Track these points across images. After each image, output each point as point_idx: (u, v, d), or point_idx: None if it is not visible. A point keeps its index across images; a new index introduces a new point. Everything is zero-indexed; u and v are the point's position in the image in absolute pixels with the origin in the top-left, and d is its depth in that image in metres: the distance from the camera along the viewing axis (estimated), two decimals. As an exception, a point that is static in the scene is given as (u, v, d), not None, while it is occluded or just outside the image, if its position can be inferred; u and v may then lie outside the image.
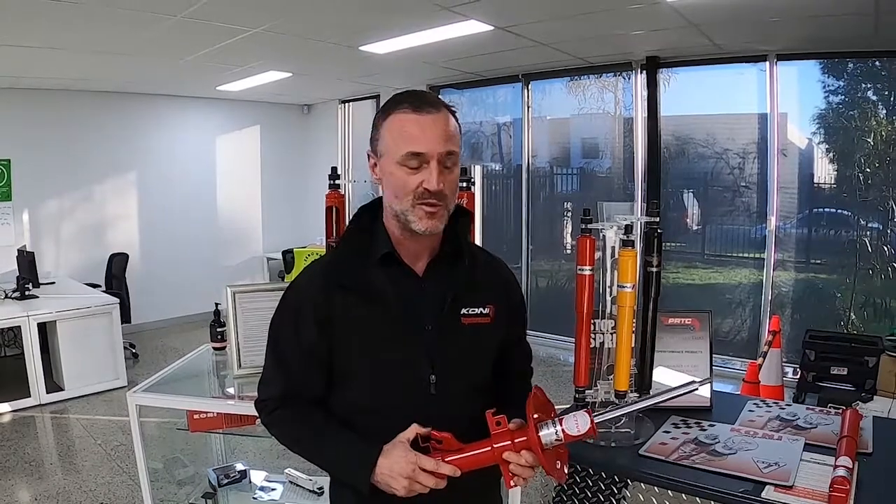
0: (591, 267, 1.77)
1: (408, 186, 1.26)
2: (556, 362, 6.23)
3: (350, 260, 1.36)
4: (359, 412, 1.35)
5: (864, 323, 5.16)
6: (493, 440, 1.22)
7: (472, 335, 1.37)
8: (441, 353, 1.33)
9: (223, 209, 8.29)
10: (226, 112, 8.12)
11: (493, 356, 1.45)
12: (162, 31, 4.34)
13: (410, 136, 1.25)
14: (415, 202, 1.26)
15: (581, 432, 1.19)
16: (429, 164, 1.25)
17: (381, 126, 1.31)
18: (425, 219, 1.27)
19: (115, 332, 5.57)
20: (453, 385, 1.34)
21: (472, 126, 7.48)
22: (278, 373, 1.39)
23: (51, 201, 6.86)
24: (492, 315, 1.39)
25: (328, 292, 1.33)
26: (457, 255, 1.38)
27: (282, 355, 1.39)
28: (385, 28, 4.60)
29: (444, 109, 1.29)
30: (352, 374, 1.35)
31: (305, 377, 1.37)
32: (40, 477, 3.95)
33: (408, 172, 1.26)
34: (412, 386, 1.32)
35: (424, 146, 1.24)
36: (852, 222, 5.23)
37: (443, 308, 1.33)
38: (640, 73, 5.93)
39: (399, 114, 1.27)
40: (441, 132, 1.26)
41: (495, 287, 1.45)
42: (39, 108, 6.57)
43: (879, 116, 5.07)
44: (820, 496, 1.39)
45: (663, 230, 1.88)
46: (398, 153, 1.26)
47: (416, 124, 1.25)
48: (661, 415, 1.89)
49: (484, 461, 1.23)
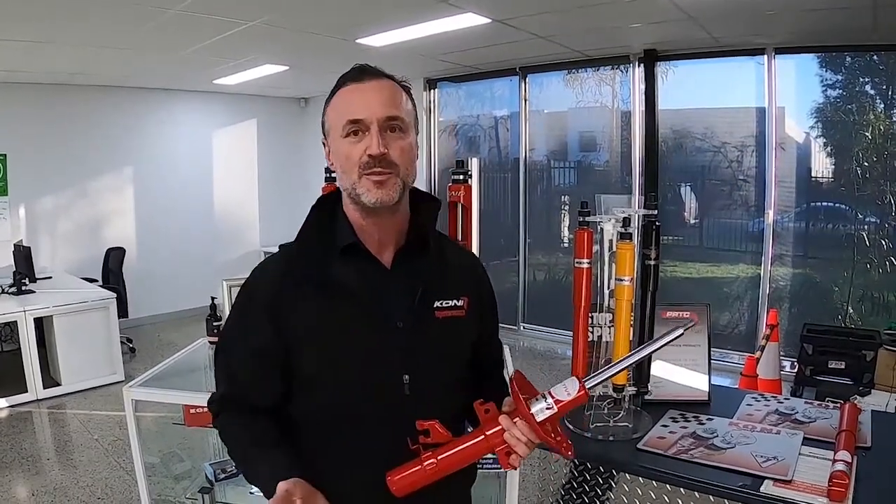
0: (588, 260, 1.76)
1: (352, 158, 1.19)
2: (554, 356, 6.23)
3: (310, 252, 1.26)
4: (326, 419, 1.25)
5: (862, 317, 5.16)
6: (484, 428, 1.18)
7: (447, 330, 1.28)
8: (414, 350, 1.24)
9: (220, 203, 8.28)
10: (222, 106, 8.09)
11: (469, 351, 1.35)
12: (158, 24, 4.32)
13: (350, 105, 1.20)
14: (361, 173, 1.18)
15: (572, 396, 1.14)
16: (369, 131, 1.18)
17: (327, 107, 1.26)
18: (374, 189, 1.18)
19: (111, 326, 5.56)
20: (429, 384, 1.24)
21: (469, 119, 7.48)
22: (222, 376, 1.31)
23: (47, 196, 6.84)
24: (466, 307, 1.30)
25: (285, 288, 1.23)
26: (424, 244, 1.29)
27: (228, 357, 1.31)
28: (382, 21, 4.58)
29: (388, 79, 1.24)
30: (315, 378, 1.24)
31: (253, 381, 1.27)
32: (37, 472, 3.94)
33: (351, 143, 1.19)
34: (384, 388, 1.23)
35: (363, 112, 1.18)
36: (850, 216, 5.23)
37: (413, 301, 1.24)
38: (638, 66, 5.91)
39: (341, 90, 1.23)
40: (383, 97, 1.20)
41: (467, 278, 1.37)
42: (35, 102, 6.54)
43: (877, 110, 5.06)
44: (819, 490, 1.39)
45: (661, 223, 1.87)
46: (340, 126, 1.20)
47: (356, 92, 1.20)
48: (659, 409, 1.88)
49: (479, 452, 1.19)
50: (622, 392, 1.77)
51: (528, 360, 6.01)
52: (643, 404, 1.87)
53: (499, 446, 1.17)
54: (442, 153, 7.55)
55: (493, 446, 1.18)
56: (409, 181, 1.24)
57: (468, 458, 1.19)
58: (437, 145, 7.59)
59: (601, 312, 1.80)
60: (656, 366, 1.91)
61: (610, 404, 1.80)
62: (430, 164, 7.52)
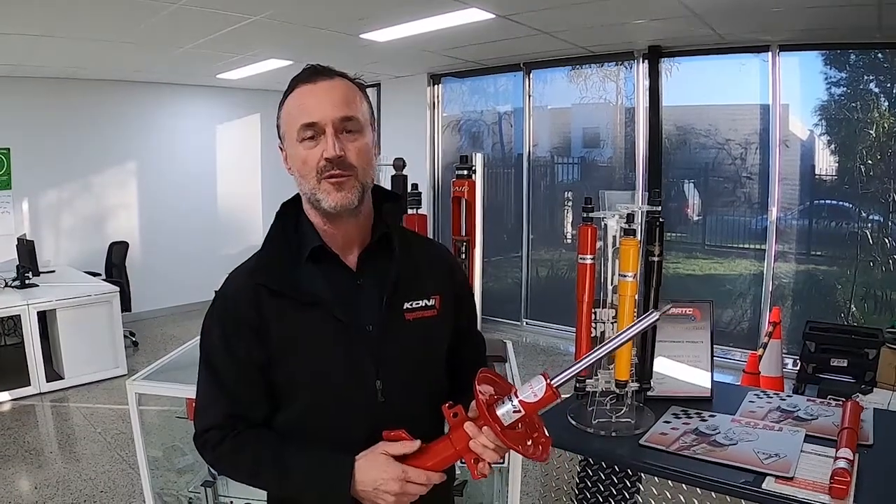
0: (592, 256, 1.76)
1: (309, 163, 1.16)
2: (557, 352, 6.23)
3: (278, 260, 1.24)
4: (300, 429, 1.22)
5: (865, 315, 5.16)
6: (451, 434, 1.13)
7: (419, 331, 1.25)
8: (385, 355, 1.21)
9: (223, 197, 8.29)
10: (226, 100, 8.09)
11: (443, 352, 1.32)
12: (162, 18, 4.32)
13: (303, 108, 1.17)
14: (319, 177, 1.16)
15: (538, 398, 1.08)
16: (325, 134, 1.15)
17: (280, 112, 1.23)
18: (333, 192, 1.16)
19: (114, 320, 5.57)
20: (402, 390, 1.21)
21: (472, 115, 7.47)
22: (216, 395, 1.23)
23: (50, 190, 6.85)
24: (438, 306, 1.28)
25: (258, 298, 1.20)
26: (389, 244, 1.26)
27: (216, 374, 1.24)
28: (387, 16, 4.58)
29: (340, 77, 1.21)
30: (290, 388, 1.22)
31: (247, 396, 1.22)
32: (40, 465, 3.96)
33: (307, 149, 1.16)
34: (357, 395, 1.20)
35: (317, 115, 1.15)
36: (853, 214, 5.22)
37: (382, 304, 1.21)
38: (643, 62, 5.90)
39: (293, 92, 1.20)
40: (336, 98, 1.16)
41: (438, 275, 1.32)
42: (39, 96, 6.55)
43: (881, 108, 5.05)
44: (820, 487, 1.39)
45: (664, 220, 1.87)
46: (294, 130, 1.17)
47: (308, 95, 1.17)
48: (661, 405, 1.88)
49: (447, 460, 1.14)
50: (625, 388, 1.77)
51: (531, 357, 6.02)
52: (645, 400, 1.87)
53: (467, 453, 1.12)
54: (445, 148, 7.55)
55: (462, 453, 1.13)
56: (369, 182, 1.22)
57: (438, 466, 1.14)
58: (440, 140, 7.58)
59: (604, 308, 1.80)
60: (659, 362, 1.91)
61: (612, 400, 1.81)
62: (433, 159, 7.52)
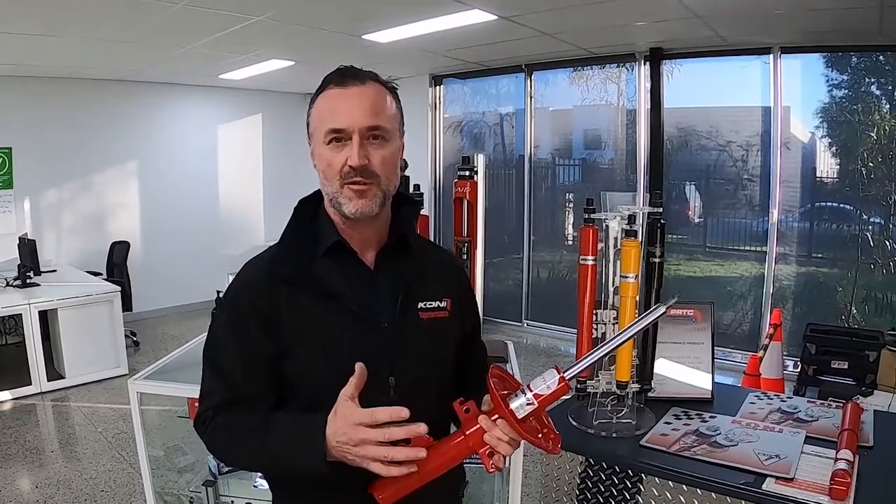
0: (593, 257, 1.77)
1: (334, 167, 1.18)
2: (558, 353, 6.24)
3: (295, 253, 1.25)
4: None
5: (865, 317, 5.16)
6: (464, 428, 1.14)
7: (432, 331, 1.27)
8: (399, 352, 1.22)
9: (225, 197, 8.30)
10: (228, 100, 8.10)
11: (453, 352, 1.34)
12: (164, 18, 4.32)
13: (332, 113, 1.18)
14: (342, 182, 1.18)
15: (552, 390, 1.09)
16: (351, 140, 1.16)
17: (311, 109, 1.23)
18: (354, 199, 1.18)
19: (115, 319, 5.58)
20: (414, 387, 1.22)
21: (474, 116, 7.47)
22: (216, 382, 1.25)
23: (52, 189, 6.86)
24: (449, 308, 1.30)
25: (273, 289, 1.20)
26: (405, 246, 1.28)
27: (219, 363, 1.25)
28: (389, 17, 4.58)
29: (372, 82, 1.20)
30: (302, 381, 1.22)
31: (249, 386, 1.22)
32: (41, 465, 3.96)
33: (333, 151, 1.18)
34: (369, 390, 1.15)
35: (345, 121, 1.16)
36: (854, 217, 5.22)
37: (398, 302, 1.23)
38: (644, 64, 5.91)
39: (325, 92, 1.20)
40: (365, 106, 1.17)
41: (448, 279, 1.35)
42: (40, 96, 6.55)
43: (883, 111, 5.05)
44: (821, 489, 1.39)
45: (666, 221, 1.87)
46: (322, 132, 1.19)
47: (339, 99, 1.18)
48: (662, 406, 1.89)
49: (460, 455, 1.14)
50: (626, 389, 1.78)
51: (532, 357, 6.02)
52: (646, 401, 1.87)
53: (481, 447, 1.13)
54: (447, 149, 7.56)
55: (475, 447, 1.13)
56: (391, 190, 1.23)
57: (450, 462, 1.15)
58: (442, 142, 7.59)
59: (605, 309, 1.80)
60: (660, 363, 1.91)
61: (613, 401, 1.81)
62: (434, 160, 7.53)
